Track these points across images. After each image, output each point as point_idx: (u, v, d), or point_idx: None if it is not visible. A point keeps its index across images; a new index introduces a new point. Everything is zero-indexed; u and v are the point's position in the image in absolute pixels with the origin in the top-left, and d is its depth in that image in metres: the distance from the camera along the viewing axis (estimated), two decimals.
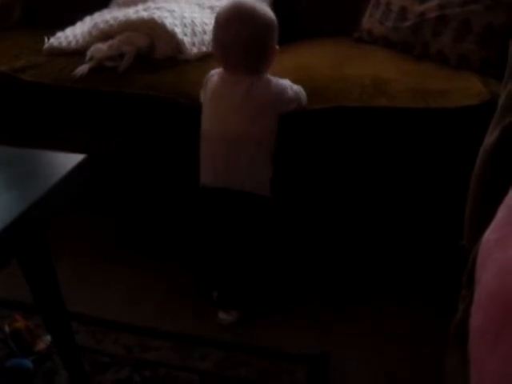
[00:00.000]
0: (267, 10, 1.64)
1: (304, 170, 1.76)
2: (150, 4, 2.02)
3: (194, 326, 1.65)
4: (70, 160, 1.16)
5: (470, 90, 1.62)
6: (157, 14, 1.87)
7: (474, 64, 1.72)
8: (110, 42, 1.88)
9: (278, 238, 1.73)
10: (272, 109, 1.61)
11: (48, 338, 1.51)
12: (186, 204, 1.86)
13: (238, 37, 1.58)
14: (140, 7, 2.01)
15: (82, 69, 1.85)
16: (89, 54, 1.89)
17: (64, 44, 2.01)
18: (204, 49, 1.91)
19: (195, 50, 1.89)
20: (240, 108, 1.60)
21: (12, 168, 1.19)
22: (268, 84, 1.61)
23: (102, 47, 1.88)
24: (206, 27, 1.94)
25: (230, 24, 1.59)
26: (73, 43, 2.00)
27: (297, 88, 1.65)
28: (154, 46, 1.88)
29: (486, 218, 0.82)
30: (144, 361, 1.54)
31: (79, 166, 1.16)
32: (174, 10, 1.92)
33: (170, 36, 1.85)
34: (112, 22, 1.93)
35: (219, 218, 1.65)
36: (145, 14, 1.89)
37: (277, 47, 1.65)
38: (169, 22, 1.86)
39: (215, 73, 1.68)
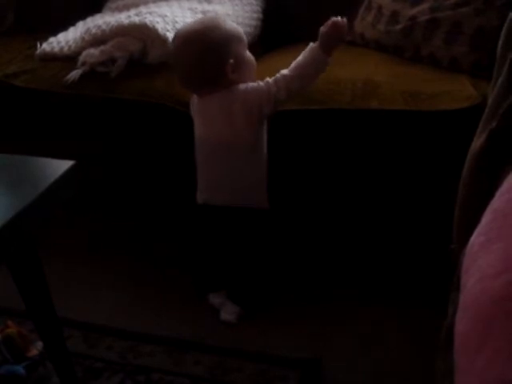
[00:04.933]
0: (211, 33, 1.58)
1: (295, 172, 1.76)
2: (142, 9, 2.02)
3: (186, 331, 1.65)
4: (59, 166, 1.17)
5: (461, 92, 1.62)
6: (149, 19, 1.87)
7: (465, 67, 1.72)
8: (102, 47, 1.88)
9: (274, 242, 1.73)
10: (257, 114, 1.59)
11: (41, 343, 1.51)
12: (181, 210, 1.86)
13: (179, 64, 1.62)
14: (132, 12, 2.00)
15: (74, 74, 1.85)
16: (81, 59, 1.89)
17: (56, 49, 2.01)
18: None
19: None
20: (224, 121, 1.59)
21: (1, 174, 1.19)
22: (245, 93, 1.58)
23: (94, 52, 1.88)
24: None
25: (174, 51, 1.64)
26: (65, 48, 2.00)
27: (272, 83, 1.58)
28: (146, 51, 1.88)
29: (473, 221, 0.82)
30: (137, 366, 1.54)
31: (69, 173, 1.16)
32: (166, 15, 1.92)
33: (162, 41, 1.85)
34: (104, 27, 1.93)
35: (220, 229, 1.66)
36: (137, 19, 1.89)
37: (239, 60, 1.61)
38: (161, 26, 1.86)
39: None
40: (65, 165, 1.16)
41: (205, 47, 1.57)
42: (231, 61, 1.58)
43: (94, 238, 2.05)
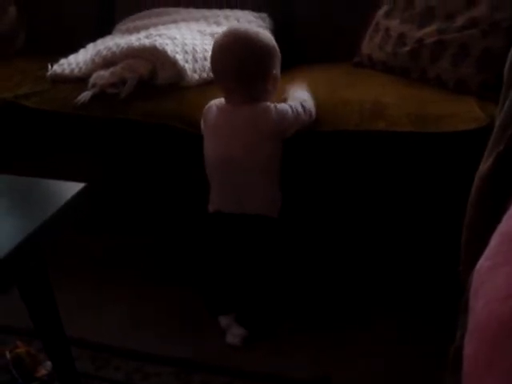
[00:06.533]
0: (264, 38, 1.64)
1: (305, 192, 1.77)
2: (152, 31, 2.04)
3: (195, 352, 1.64)
4: (70, 188, 1.18)
5: (467, 114, 1.62)
6: (158, 42, 1.89)
7: (472, 88, 1.72)
8: (112, 69, 1.90)
9: (284, 259, 1.73)
10: (274, 135, 1.63)
11: (49, 363, 1.51)
12: (190, 228, 1.87)
13: (228, 66, 1.61)
14: (142, 34, 2.03)
15: (85, 96, 1.88)
16: (91, 80, 1.91)
17: (67, 71, 2.03)
18: (205, 75, 1.92)
19: (196, 76, 1.90)
20: (242, 136, 1.62)
21: (13, 196, 1.20)
22: (268, 111, 1.61)
23: (104, 74, 1.90)
24: (206, 54, 1.95)
25: (221, 53, 1.64)
26: (76, 70, 2.02)
27: (298, 106, 1.64)
28: (155, 73, 1.90)
29: (481, 244, 0.82)
30: None
31: (79, 195, 1.17)
32: (175, 37, 1.94)
33: (172, 63, 1.87)
34: (114, 49, 1.96)
35: (230, 241, 1.67)
36: (146, 42, 1.91)
37: (277, 75, 1.66)
38: (170, 49, 1.88)
39: (213, 104, 1.70)
40: (75, 187, 1.17)
41: (261, 50, 1.61)
42: (274, 71, 1.63)
43: (104, 259, 2.05)
